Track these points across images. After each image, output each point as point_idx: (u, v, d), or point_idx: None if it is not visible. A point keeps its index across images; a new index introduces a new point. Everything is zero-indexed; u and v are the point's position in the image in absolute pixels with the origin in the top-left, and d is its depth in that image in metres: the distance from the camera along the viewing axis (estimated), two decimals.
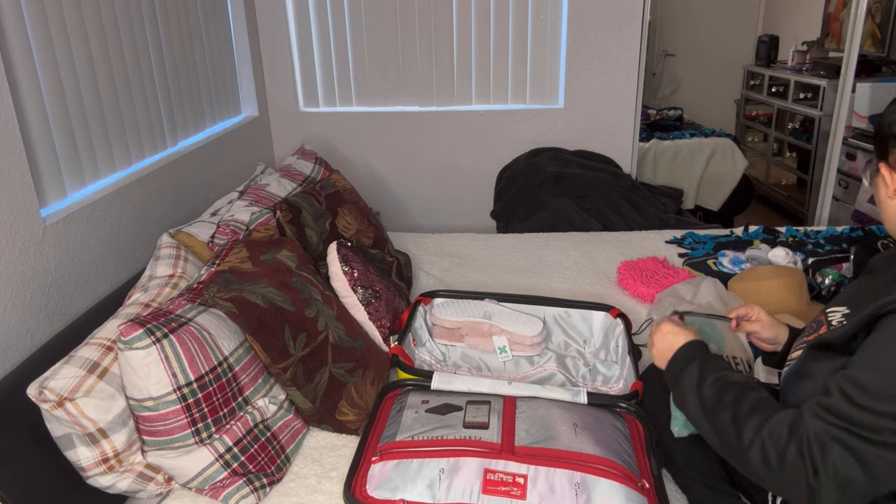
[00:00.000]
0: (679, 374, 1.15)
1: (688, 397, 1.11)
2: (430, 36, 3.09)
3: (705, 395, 1.07)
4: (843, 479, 0.88)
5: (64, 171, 1.72)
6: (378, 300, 1.81)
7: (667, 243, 2.52)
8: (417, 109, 3.21)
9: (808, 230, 2.58)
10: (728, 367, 1.13)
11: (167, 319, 1.32)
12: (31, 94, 1.60)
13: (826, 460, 0.88)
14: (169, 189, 2.15)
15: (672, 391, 1.17)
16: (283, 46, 3.10)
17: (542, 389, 1.45)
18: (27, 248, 1.50)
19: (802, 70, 4.28)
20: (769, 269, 2.01)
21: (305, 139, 3.25)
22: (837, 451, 0.88)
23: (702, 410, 1.07)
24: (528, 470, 1.20)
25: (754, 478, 0.99)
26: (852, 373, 0.92)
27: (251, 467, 1.34)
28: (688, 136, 3.96)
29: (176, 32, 2.31)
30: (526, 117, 3.19)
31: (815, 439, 0.90)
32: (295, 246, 1.78)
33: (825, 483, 0.89)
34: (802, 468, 0.90)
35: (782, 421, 0.96)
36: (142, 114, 2.08)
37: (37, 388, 1.21)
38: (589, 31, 3.02)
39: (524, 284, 2.22)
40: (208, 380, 1.32)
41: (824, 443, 0.89)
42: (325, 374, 1.52)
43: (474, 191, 3.32)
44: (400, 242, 2.60)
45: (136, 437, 1.32)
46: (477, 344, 1.83)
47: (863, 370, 0.91)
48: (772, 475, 0.94)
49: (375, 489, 1.21)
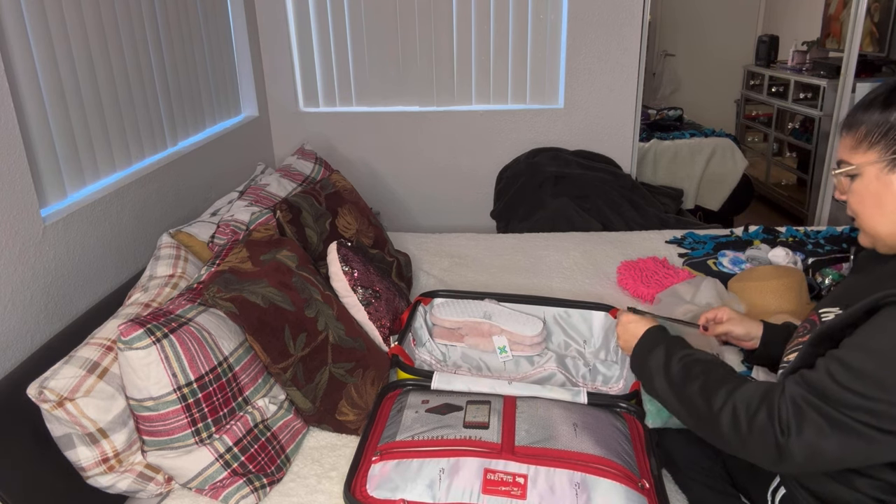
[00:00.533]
0: (645, 358, 1.17)
1: (656, 378, 1.13)
2: (430, 36, 3.09)
3: (673, 372, 1.10)
4: (815, 448, 0.90)
5: (64, 171, 1.72)
6: (378, 300, 1.81)
7: (667, 243, 2.52)
8: (417, 109, 3.22)
9: (808, 230, 2.58)
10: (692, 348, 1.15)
11: (167, 319, 1.32)
12: (31, 94, 1.60)
13: (801, 426, 0.90)
14: (169, 189, 2.15)
15: (639, 377, 1.20)
16: (283, 46, 3.10)
17: (542, 389, 1.45)
18: (27, 248, 1.50)
19: (802, 70, 4.28)
20: (769, 269, 2.01)
21: (305, 139, 3.25)
22: (813, 418, 0.90)
23: (669, 387, 1.09)
24: (529, 470, 1.20)
25: (723, 444, 1.00)
26: (839, 352, 0.93)
27: (251, 467, 1.34)
28: (688, 136, 3.96)
29: (176, 32, 2.31)
30: (526, 117, 3.19)
31: (791, 403, 0.91)
32: (295, 246, 1.78)
33: (796, 445, 0.90)
34: (772, 429, 0.92)
35: (755, 387, 0.98)
36: (142, 114, 2.08)
37: (37, 388, 1.21)
38: (589, 31, 3.02)
39: (524, 284, 2.22)
40: (208, 380, 1.32)
41: (800, 407, 0.91)
42: (325, 374, 1.52)
43: (474, 191, 3.32)
44: (400, 242, 2.60)
45: (136, 437, 1.32)
46: (477, 344, 1.82)
47: (849, 350, 0.92)
48: (740, 438, 0.96)
49: (375, 489, 1.21)
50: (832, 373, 0.91)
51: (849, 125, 1.06)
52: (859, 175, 1.04)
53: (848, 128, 1.06)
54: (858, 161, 1.03)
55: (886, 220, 1.03)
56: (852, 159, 1.05)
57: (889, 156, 1.00)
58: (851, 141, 1.05)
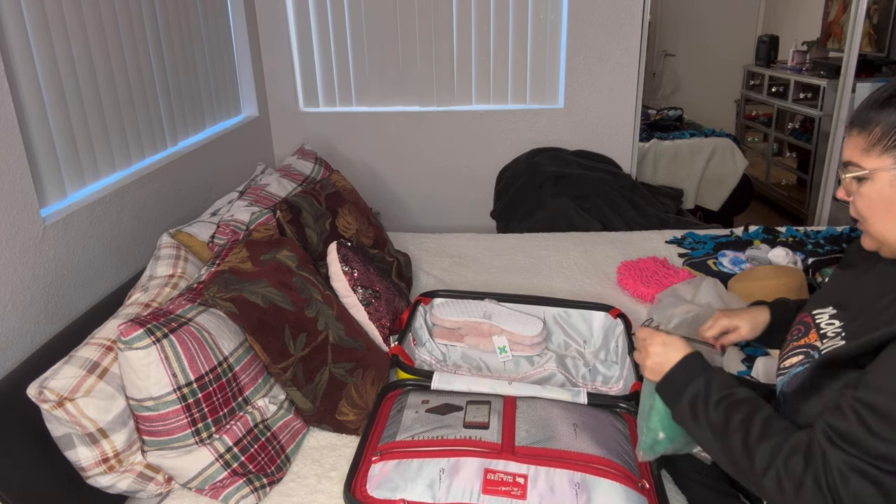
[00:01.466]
0: (681, 391, 1.08)
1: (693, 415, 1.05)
2: (430, 36, 3.09)
3: (712, 416, 1.02)
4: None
5: (64, 171, 1.72)
6: (378, 300, 1.81)
7: (667, 243, 2.52)
8: (417, 109, 3.21)
9: (808, 230, 2.58)
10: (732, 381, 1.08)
11: (167, 319, 1.32)
12: (31, 94, 1.60)
13: (847, 491, 0.86)
14: (169, 189, 2.15)
15: (672, 407, 1.11)
16: (283, 46, 3.10)
17: (542, 389, 1.45)
18: (27, 248, 1.50)
19: (802, 70, 4.28)
20: (769, 269, 2.01)
21: (305, 139, 3.25)
22: (858, 482, 0.86)
23: (710, 431, 1.02)
24: (529, 470, 1.20)
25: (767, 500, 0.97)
26: (868, 396, 0.88)
27: (251, 467, 1.34)
28: (688, 136, 3.96)
29: (176, 32, 2.31)
30: (526, 117, 3.18)
31: (837, 472, 0.87)
32: (295, 246, 1.78)
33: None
34: (822, 498, 0.88)
35: (796, 447, 0.93)
36: (142, 114, 2.08)
37: (37, 388, 1.21)
38: (589, 31, 3.02)
39: (524, 284, 2.22)
40: (208, 380, 1.32)
41: (845, 474, 0.87)
42: (325, 374, 1.52)
43: (474, 191, 3.32)
44: (400, 242, 2.60)
45: (136, 437, 1.32)
46: (477, 344, 1.82)
47: (880, 395, 0.86)
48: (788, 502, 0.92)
49: (376, 489, 1.21)
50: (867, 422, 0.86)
51: (861, 124, 0.99)
52: (870, 179, 0.98)
53: (861, 126, 0.99)
54: (871, 165, 0.97)
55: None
56: (864, 162, 0.98)
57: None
58: (863, 142, 0.98)
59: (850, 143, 1.02)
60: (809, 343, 1.08)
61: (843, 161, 1.03)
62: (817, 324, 1.10)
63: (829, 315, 1.09)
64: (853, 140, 1.01)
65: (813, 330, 1.10)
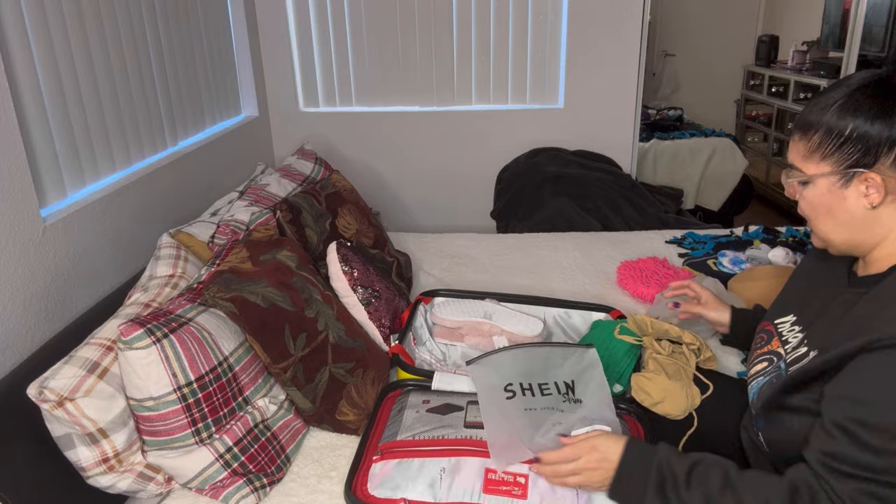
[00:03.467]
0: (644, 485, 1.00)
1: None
2: (430, 36, 3.09)
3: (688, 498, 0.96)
4: None
5: (64, 171, 1.72)
6: (378, 300, 1.81)
7: (667, 243, 2.52)
8: (417, 109, 3.21)
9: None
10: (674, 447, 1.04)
11: (167, 319, 1.32)
12: (31, 94, 1.60)
13: None
14: (169, 189, 2.15)
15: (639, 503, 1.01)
16: (283, 46, 3.10)
17: None
18: (27, 248, 1.50)
19: (802, 70, 4.28)
20: (769, 269, 2.01)
21: (305, 139, 3.25)
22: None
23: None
24: (529, 469, 1.20)
25: None
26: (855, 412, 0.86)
27: (251, 467, 1.34)
28: (688, 136, 3.97)
29: (176, 32, 2.31)
30: (526, 117, 3.18)
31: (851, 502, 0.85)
32: (295, 246, 1.78)
33: None
34: None
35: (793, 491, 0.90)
36: (142, 114, 2.08)
37: (37, 388, 1.21)
38: (589, 31, 3.02)
39: (524, 284, 2.21)
40: (208, 380, 1.31)
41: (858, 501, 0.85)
42: (326, 374, 1.52)
43: (474, 191, 3.32)
44: (400, 242, 2.60)
45: (137, 437, 1.32)
46: (477, 344, 1.82)
47: (869, 409, 0.85)
48: None
49: (377, 488, 1.21)
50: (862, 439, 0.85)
51: (802, 129, 1.00)
52: (811, 184, 1.00)
53: (802, 132, 1.00)
54: (811, 171, 0.99)
55: (839, 228, 1.00)
56: (805, 168, 1.00)
57: (842, 170, 0.95)
58: (804, 148, 1.00)
59: (792, 147, 1.03)
60: (773, 350, 1.10)
61: (788, 163, 1.05)
62: (779, 332, 1.12)
63: (791, 323, 1.11)
64: (795, 145, 1.02)
65: (776, 338, 1.11)
